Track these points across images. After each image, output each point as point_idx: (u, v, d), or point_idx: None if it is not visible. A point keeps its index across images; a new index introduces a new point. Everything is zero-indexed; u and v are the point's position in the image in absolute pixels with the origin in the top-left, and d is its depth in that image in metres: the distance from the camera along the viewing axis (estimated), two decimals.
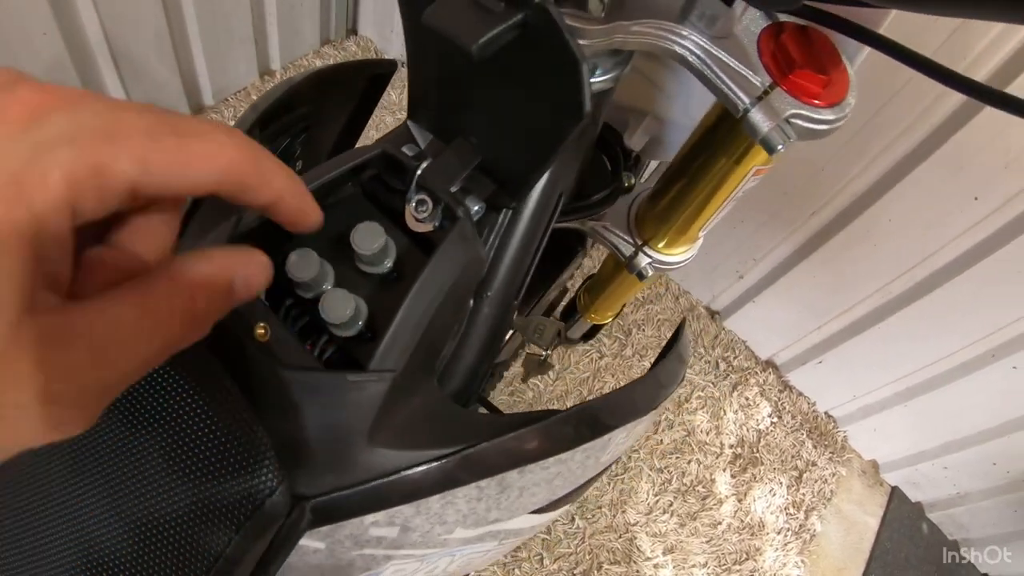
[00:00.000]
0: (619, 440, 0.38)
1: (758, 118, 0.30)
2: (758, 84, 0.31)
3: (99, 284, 0.19)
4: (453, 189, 0.32)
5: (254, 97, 1.22)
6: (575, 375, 1.21)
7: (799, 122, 0.31)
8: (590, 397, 1.06)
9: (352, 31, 1.43)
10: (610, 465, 0.43)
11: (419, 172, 0.33)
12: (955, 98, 0.87)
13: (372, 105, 0.52)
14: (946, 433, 1.20)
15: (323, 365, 0.30)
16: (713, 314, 1.35)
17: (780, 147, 0.30)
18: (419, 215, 0.33)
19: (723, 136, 0.38)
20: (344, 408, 0.28)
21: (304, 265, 0.30)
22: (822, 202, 1.07)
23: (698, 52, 0.31)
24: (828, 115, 0.32)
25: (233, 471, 0.27)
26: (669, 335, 1.32)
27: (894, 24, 0.89)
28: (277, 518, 0.27)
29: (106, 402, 0.18)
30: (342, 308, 0.29)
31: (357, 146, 0.45)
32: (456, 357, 0.35)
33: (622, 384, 0.67)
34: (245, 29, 1.20)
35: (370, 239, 0.30)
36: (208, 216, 0.33)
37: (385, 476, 0.29)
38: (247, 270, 0.21)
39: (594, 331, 0.84)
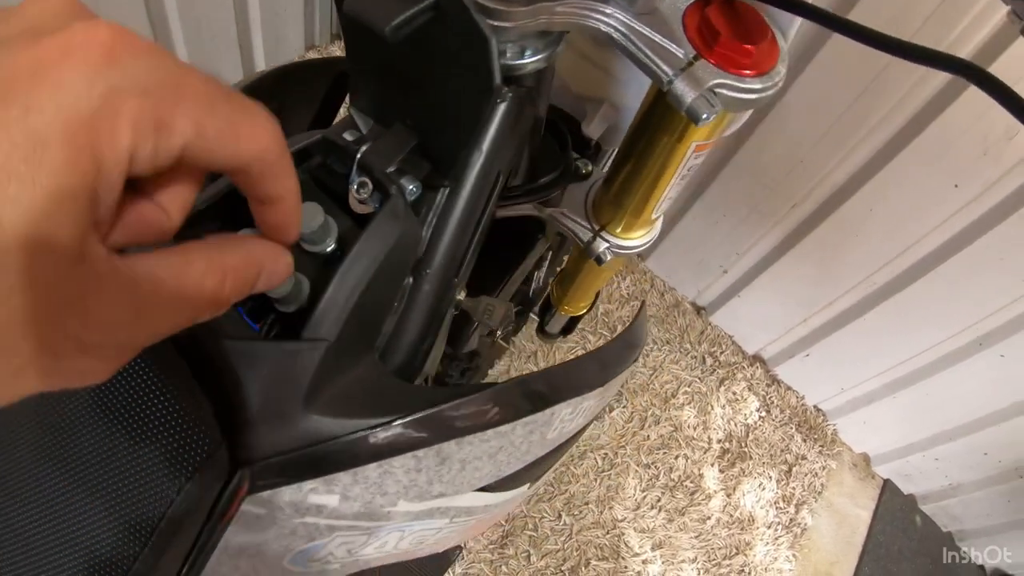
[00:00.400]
0: (565, 416, 0.38)
1: (682, 88, 0.31)
2: (681, 56, 0.32)
3: (128, 232, 0.19)
4: (389, 170, 0.33)
5: None
6: None
7: (725, 92, 0.32)
8: None
9: (337, 36, 1.44)
10: (565, 445, 0.44)
11: (359, 155, 0.34)
12: (932, 85, 0.87)
13: (339, 101, 0.53)
14: (936, 424, 1.19)
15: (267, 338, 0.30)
16: (699, 309, 1.36)
17: (705, 116, 0.31)
18: (360, 197, 0.34)
19: (661, 114, 0.39)
20: (280, 376, 0.29)
21: None
22: (803, 194, 1.08)
23: (621, 28, 0.32)
24: (755, 84, 0.33)
25: (175, 436, 0.28)
26: (654, 332, 1.32)
27: (874, 8, 0.88)
28: (217, 481, 0.28)
29: (127, 359, 0.18)
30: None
31: None
32: (397, 333, 0.36)
33: None
34: (230, 35, 1.22)
35: (309, 218, 0.31)
36: None
37: (319, 442, 0.29)
38: (274, 266, 0.22)
39: (572, 324, 0.84)
